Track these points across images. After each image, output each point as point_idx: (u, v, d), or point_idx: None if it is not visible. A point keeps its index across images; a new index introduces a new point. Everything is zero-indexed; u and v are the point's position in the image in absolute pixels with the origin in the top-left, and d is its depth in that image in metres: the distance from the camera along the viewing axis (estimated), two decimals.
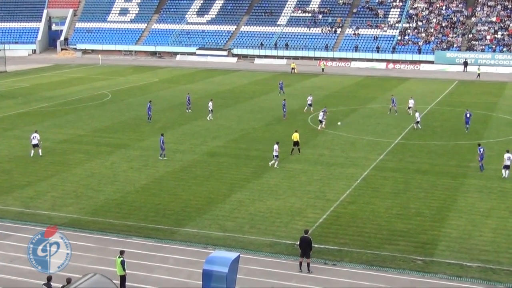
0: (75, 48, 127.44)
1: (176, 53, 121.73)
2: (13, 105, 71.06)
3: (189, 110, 66.23)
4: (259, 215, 36.40)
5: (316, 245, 30.81)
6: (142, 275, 28.86)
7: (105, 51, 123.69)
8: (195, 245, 32.27)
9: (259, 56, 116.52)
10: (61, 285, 25.03)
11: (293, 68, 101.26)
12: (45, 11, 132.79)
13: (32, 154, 48.21)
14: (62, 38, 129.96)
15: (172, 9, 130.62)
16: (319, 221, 35.45)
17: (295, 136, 48.64)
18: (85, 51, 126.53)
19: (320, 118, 56.25)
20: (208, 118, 62.41)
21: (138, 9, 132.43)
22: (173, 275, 29.02)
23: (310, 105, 66.89)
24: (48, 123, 60.79)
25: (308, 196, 39.71)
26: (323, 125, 56.61)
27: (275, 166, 44.63)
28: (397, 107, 65.73)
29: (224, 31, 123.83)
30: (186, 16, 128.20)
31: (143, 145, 52.38)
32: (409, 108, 64.78)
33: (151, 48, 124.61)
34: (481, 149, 45.21)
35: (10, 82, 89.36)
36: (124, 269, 27.12)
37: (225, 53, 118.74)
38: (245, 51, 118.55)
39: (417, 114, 58.83)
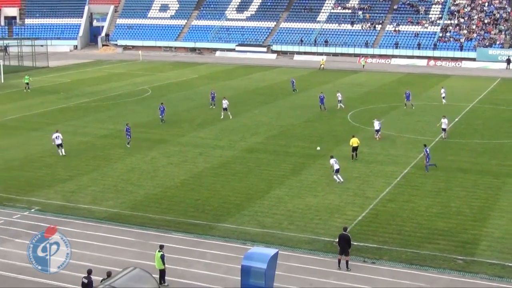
0: (116, 44, 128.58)
1: (215, 49, 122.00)
2: (55, 100, 72.02)
3: (213, 107, 66.23)
4: (298, 211, 36.36)
5: (355, 243, 30.67)
6: (181, 270, 29.04)
7: (145, 47, 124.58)
8: (234, 240, 32.36)
9: (299, 53, 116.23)
10: (101, 279, 25.31)
11: (322, 64, 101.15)
12: (86, 7, 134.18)
13: (62, 153, 47.88)
14: (103, 34, 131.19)
15: (212, 6, 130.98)
16: (358, 218, 35.28)
17: (354, 141, 46.77)
18: (125, 47, 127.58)
19: (377, 127, 53.54)
20: (222, 117, 61.64)
21: (178, 5, 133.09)
22: (212, 270, 29.14)
23: (340, 101, 66.59)
24: (89, 118, 61.48)
25: (347, 193, 39.54)
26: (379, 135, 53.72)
27: (341, 180, 41.42)
28: (412, 102, 66.56)
29: (264, 27, 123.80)
30: (226, 12, 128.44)
31: (182, 141, 52.67)
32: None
33: (190, 44, 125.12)
34: (427, 150, 44.61)
35: (52, 78, 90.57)
36: (163, 263, 27.33)
37: (264, 49, 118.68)
38: (284, 48, 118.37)
39: (444, 121, 53.54)
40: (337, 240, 29.56)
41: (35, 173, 43.82)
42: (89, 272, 25.41)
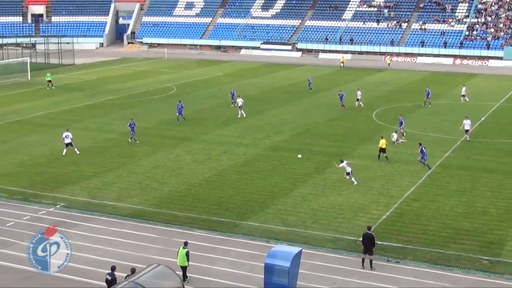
0: (142, 42, 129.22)
1: (240, 47, 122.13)
2: (81, 97, 72.54)
3: (234, 105, 66.17)
4: (322, 210, 36.28)
5: (379, 242, 30.53)
6: (205, 267, 29.10)
7: (170, 45, 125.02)
8: (258, 238, 32.37)
9: (324, 51, 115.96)
10: (125, 275, 25.44)
11: (342, 62, 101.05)
12: (112, 5, 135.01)
13: (64, 153, 47.24)
14: (128, 31, 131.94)
15: (237, 4, 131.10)
16: (382, 217, 35.12)
17: (383, 143, 46.06)
18: (151, 45, 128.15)
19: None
20: (239, 115, 61.37)
21: (203, 3, 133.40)
22: (235, 268, 29.18)
23: (358, 99, 66.40)
24: (114, 115, 61.85)
25: (372, 192, 39.37)
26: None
27: (354, 182, 40.80)
28: (430, 101, 66.54)
29: (289, 25, 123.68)
30: (251, 10, 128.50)
31: (207, 139, 52.78)
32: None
33: (215, 42, 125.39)
34: (423, 148, 44.53)
35: (78, 75, 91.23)
36: (188, 260, 27.42)
37: (289, 47, 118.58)
38: (309, 46, 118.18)
39: (466, 122, 52.31)
40: (361, 239, 29.45)
41: (61, 169, 44.16)
42: (113, 268, 25.53)
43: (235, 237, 32.58)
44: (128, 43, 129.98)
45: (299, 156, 46.61)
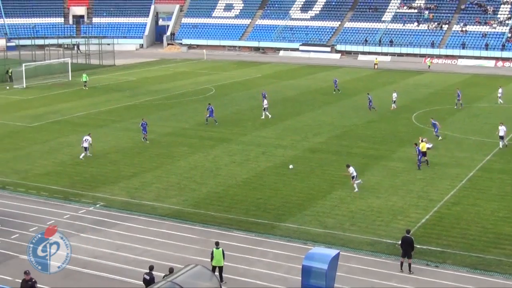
0: (181, 43, 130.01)
1: (279, 49, 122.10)
2: (121, 97, 73.22)
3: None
4: (360, 213, 36.09)
5: (418, 246, 30.27)
6: (242, 268, 29.15)
7: (209, 46, 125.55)
8: (295, 240, 32.32)
9: (363, 53, 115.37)
10: (163, 275, 25.60)
11: (375, 64, 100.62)
12: (152, 7, 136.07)
13: (82, 157, 46.98)
14: (168, 33, 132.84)
15: (276, 5, 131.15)
16: (421, 221, 34.80)
17: (423, 146, 45.38)
18: (190, 46, 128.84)
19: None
20: (262, 116, 61.33)
21: (242, 5, 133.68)
22: (273, 269, 29.16)
23: (394, 101, 65.94)
24: (153, 116, 62.28)
25: (411, 195, 39.05)
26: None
27: (356, 189, 39.81)
28: (461, 102, 66.02)
29: (328, 27, 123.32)
30: (290, 12, 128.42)
31: (245, 140, 52.87)
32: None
33: (254, 44, 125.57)
34: (419, 148, 44.63)
35: (118, 76, 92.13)
36: (223, 259, 27.48)
37: (328, 49, 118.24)
38: (348, 47, 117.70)
39: (501, 128, 50.56)
40: (400, 242, 29.21)
41: (101, 169, 44.63)
42: (151, 268, 25.69)
43: (272, 239, 32.58)
44: (168, 44, 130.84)
45: (291, 166, 44.39)
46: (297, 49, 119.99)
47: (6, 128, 57.33)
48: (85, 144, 47.14)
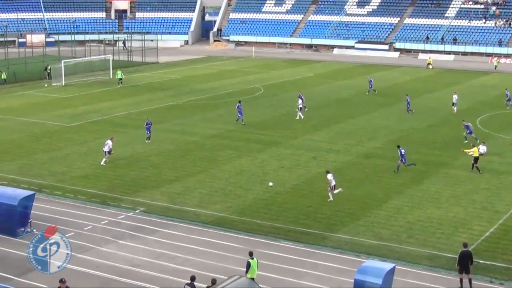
0: (228, 40, 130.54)
1: (333, 46, 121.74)
2: (164, 97, 73.79)
3: (305, 109, 65.72)
4: (418, 224, 35.67)
5: (481, 261, 29.79)
6: (290, 281, 29.04)
7: (258, 43, 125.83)
8: (347, 252, 32.09)
9: (424, 51, 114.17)
10: (205, 286, 25.63)
11: (429, 63, 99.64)
12: (199, 1, 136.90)
13: (103, 162, 46.86)
14: (215, 29, 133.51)
15: (331, 0, 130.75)
16: (485, 234, 34.22)
17: (475, 151, 44.98)
18: (238, 43, 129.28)
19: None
20: (297, 117, 61.82)
21: None
22: (323, 283, 28.98)
23: (454, 104, 65.22)
24: (198, 117, 62.59)
25: (474, 206, 38.44)
26: None
27: (330, 198, 39.36)
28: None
29: (386, 23, 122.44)
30: (346, 7, 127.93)
31: (295, 143, 52.76)
32: None
33: (307, 41, 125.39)
34: (402, 150, 44.73)
35: (161, 74, 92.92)
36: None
37: (386, 47, 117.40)
38: (408, 45, 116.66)
39: None
40: (457, 257, 28.64)
41: (141, 172, 45.01)
42: (193, 278, 25.72)
43: (323, 250, 32.40)
44: (214, 41, 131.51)
45: (270, 184, 41.85)
46: (352, 47, 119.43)
47: (44, 127, 58.28)
48: (106, 148, 47.04)
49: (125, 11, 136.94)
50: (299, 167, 46.36)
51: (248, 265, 27.37)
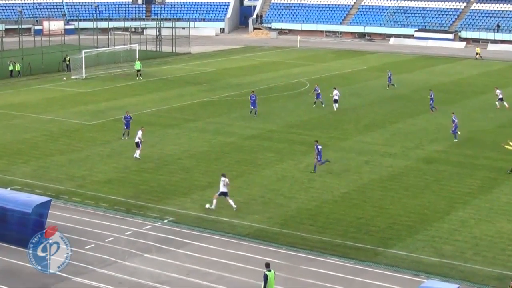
0: (270, 28, 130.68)
1: (389, 36, 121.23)
2: (196, 92, 74.12)
3: (322, 105, 66.42)
4: (486, 239, 35.38)
5: None
6: None
7: (304, 32, 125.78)
8: (404, 271, 31.95)
9: (494, 41, 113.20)
10: None
11: (477, 53, 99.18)
12: None
13: (138, 155, 48.69)
14: (254, 15, 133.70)
15: None
16: None
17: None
18: (281, 31, 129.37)
19: None
20: (334, 109, 63.88)
21: None
22: None
23: (500, 99, 65.80)
24: (234, 115, 62.76)
25: None
26: None
27: (211, 207, 39.24)
28: None
29: (451, 9, 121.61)
30: None
31: (345, 146, 52.65)
32: None
33: (359, 29, 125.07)
34: (319, 147, 46.15)
35: (193, 66, 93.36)
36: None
37: (450, 36, 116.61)
38: (476, 34, 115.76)
39: None
40: None
41: (170, 177, 45.25)
42: None
43: (376, 268, 32.30)
44: (254, 28, 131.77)
45: (207, 206, 39.57)
46: (411, 36, 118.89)
47: (62, 126, 58.93)
48: (137, 139, 48.79)
49: None
50: (349, 173, 46.23)
51: (266, 278, 27.50)
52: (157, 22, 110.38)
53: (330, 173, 46.03)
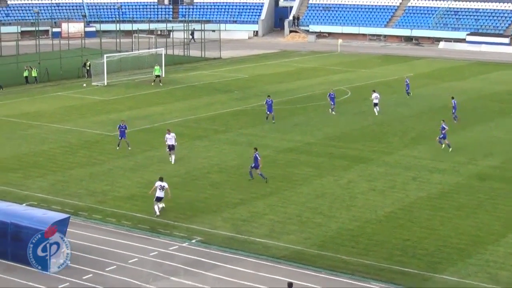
0: (307, 30, 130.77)
1: (438, 39, 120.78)
2: (227, 100, 74.28)
3: (332, 112, 67.26)
4: None
5: None
6: None
7: (345, 35, 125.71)
8: None
9: None
10: None
11: None
12: None
13: (173, 160, 51.45)
14: (291, 17, 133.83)
15: None
16: None
17: None
18: (319, 34, 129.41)
19: None
20: (376, 114, 65.09)
21: None
22: None
23: None
24: (268, 126, 62.76)
25: None
26: None
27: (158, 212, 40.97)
28: None
29: (506, 10, 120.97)
30: None
31: (390, 160, 52.47)
32: None
33: (405, 32, 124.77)
34: (257, 155, 47.33)
35: (224, 72, 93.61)
36: None
37: (506, 40, 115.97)
38: None
39: None
40: None
41: (199, 193, 45.34)
42: None
43: None
44: (290, 31, 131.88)
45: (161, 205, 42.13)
46: (463, 40, 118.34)
47: (82, 136, 59.33)
48: (168, 142, 51.61)
49: None
50: (395, 190, 46.07)
51: None
52: (185, 24, 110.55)
53: (373, 190, 45.92)
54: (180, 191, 45.70)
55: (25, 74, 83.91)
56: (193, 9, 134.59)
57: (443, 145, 54.80)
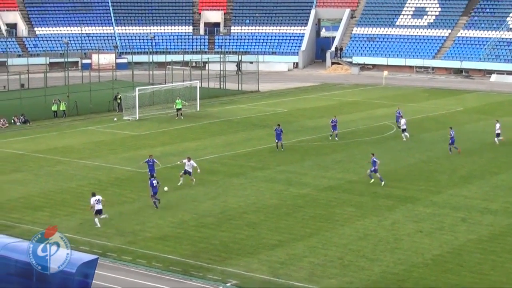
0: (351, 62, 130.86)
1: (490, 72, 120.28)
2: (265, 136, 74.29)
3: (335, 138, 67.88)
4: None
5: None
6: None
7: (391, 67, 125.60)
8: None
9: None
10: None
11: None
12: (312, 12, 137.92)
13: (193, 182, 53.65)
14: (333, 48, 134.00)
15: (488, 10, 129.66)
16: None
17: None
18: (363, 66, 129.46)
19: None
20: (404, 139, 66.82)
21: (439, 9, 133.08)
22: None
23: (497, 134, 68.16)
24: (309, 163, 62.73)
25: None
26: None
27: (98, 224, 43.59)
28: None
29: None
30: (508, 19, 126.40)
31: (438, 200, 52.19)
32: None
33: (455, 64, 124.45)
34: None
35: (262, 106, 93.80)
36: None
37: None
38: None
39: None
40: None
41: (234, 234, 45.33)
42: None
43: None
44: (332, 63, 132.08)
45: (165, 188, 51.48)
46: None
47: (112, 173, 59.69)
48: (188, 168, 53.29)
49: (217, 24, 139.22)
50: (443, 231, 45.78)
51: None
52: (221, 56, 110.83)
53: (420, 231, 45.65)
54: (215, 231, 45.75)
55: (54, 108, 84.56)
56: (229, 39, 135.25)
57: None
